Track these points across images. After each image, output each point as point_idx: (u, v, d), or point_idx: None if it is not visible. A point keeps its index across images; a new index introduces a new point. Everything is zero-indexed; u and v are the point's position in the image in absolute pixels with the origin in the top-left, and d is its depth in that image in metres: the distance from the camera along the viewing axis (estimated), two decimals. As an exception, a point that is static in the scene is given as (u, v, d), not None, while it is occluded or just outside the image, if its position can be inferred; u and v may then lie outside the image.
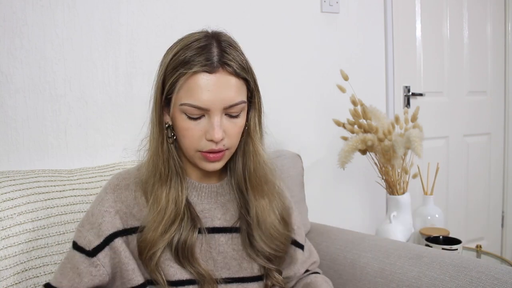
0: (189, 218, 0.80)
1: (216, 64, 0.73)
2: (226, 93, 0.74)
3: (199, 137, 0.76)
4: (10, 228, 0.89)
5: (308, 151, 1.71)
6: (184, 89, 0.73)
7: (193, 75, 0.73)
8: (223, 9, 1.51)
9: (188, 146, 0.78)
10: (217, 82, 0.73)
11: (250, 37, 1.54)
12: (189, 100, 0.73)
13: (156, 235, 0.77)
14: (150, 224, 0.78)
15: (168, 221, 0.78)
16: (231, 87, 0.74)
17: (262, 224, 0.84)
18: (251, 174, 0.84)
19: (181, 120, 0.76)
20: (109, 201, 0.81)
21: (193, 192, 0.85)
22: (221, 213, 0.85)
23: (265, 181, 0.85)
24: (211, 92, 0.73)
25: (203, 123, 0.75)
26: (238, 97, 0.76)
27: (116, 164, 1.15)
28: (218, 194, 0.86)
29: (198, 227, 0.81)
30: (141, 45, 1.36)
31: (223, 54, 0.74)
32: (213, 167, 0.79)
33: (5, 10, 1.16)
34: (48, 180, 1.01)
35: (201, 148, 0.77)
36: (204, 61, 0.72)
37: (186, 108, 0.74)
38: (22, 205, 0.92)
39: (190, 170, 0.85)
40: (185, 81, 0.73)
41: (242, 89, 0.77)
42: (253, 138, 0.83)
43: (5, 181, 0.95)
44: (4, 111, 1.17)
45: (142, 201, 0.81)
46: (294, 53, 1.69)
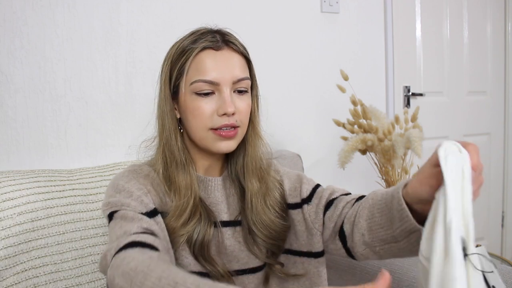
0: (204, 212, 0.81)
1: (221, 43, 0.78)
2: (233, 68, 0.78)
3: (211, 114, 0.78)
4: (10, 228, 0.89)
5: (308, 151, 1.71)
6: (193, 68, 0.77)
7: (200, 52, 0.77)
8: (223, 9, 1.51)
9: (199, 126, 0.78)
10: (223, 58, 0.78)
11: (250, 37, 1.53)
12: (199, 76, 0.77)
13: (177, 225, 0.77)
14: (173, 212, 0.77)
15: (191, 212, 0.78)
16: (237, 62, 0.79)
17: (254, 209, 0.84)
18: (248, 157, 0.85)
19: (192, 100, 0.78)
20: (137, 183, 0.79)
21: (201, 187, 0.85)
22: (226, 206, 0.86)
23: (261, 165, 0.87)
24: (220, 67, 0.77)
25: (214, 99, 0.78)
26: (243, 72, 0.80)
27: (116, 164, 1.15)
28: (222, 187, 0.87)
29: (213, 222, 0.82)
30: (141, 45, 1.36)
31: (225, 36, 0.80)
32: (226, 147, 0.80)
33: (5, 10, 1.16)
34: (48, 180, 1.01)
35: (214, 125, 0.78)
36: (210, 38, 0.78)
37: (197, 85, 0.77)
38: (22, 205, 0.92)
39: (197, 162, 0.85)
40: (193, 59, 0.77)
41: (245, 66, 0.81)
42: (253, 121, 0.85)
43: (5, 181, 0.95)
44: (4, 111, 1.17)
45: (162, 189, 0.81)
46: (294, 53, 1.69)
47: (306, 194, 0.86)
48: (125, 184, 0.78)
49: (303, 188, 0.87)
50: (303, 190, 0.87)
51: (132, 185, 0.78)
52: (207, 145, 0.80)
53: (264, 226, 0.83)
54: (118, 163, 1.16)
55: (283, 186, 0.89)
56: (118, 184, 0.79)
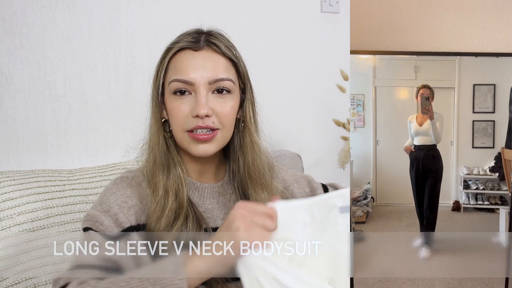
0: (194, 217, 0.80)
1: (202, 43, 0.78)
2: (211, 68, 0.77)
3: (185, 115, 0.76)
4: (10, 228, 0.89)
5: (308, 151, 1.70)
6: (172, 67, 0.78)
7: (178, 52, 0.78)
8: (222, 9, 1.51)
9: (176, 127, 0.78)
10: (202, 58, 0.77)
11: (250, 37, 1.54)
12: (175, 76, 0.77)
13: (159, 227, 0.76)
14: (151, 214, 0.77)
15: (171, 213, 0.77)
16: (217, 63, 0.78)
17: None
18: (250, 167, 0.84)
19: (170, 101, 0.78)
20: (122, 196, 0.79)
21: (195, 192, 0.84)
22: (223, 213, 0.85)
23: (263, 174, 0.85)
24: (195, 67, 0.76)
25: (190, 100, 0.77)
26: (223, 73, 0.78)
27: (116, 164, 1.15)
28: (219, 194, 0.86)
29: (203, 227, 0.81)
30: (141, 45, 1.36)
31: (210, 37, 0.79)
32: (203, 150, 0.78)
33: (5, 10, 1.16)
34: (48, 180, 1.01)
35: (188, 127, 0.76)
36: (190, 39, 0.78)
37: (173, 84, 0.77)
38: (22, 205, 0.92)
39: (189, 166, 0.84)
40: (171, 58, 0.78)
41: (229, 69, 0.79)
42: (249, 129, 0.84)
43: (5, 181, 0.95)
44: (4, 111, 1.17)
45: (148, 193, 0.80)
46: (294, 53, 1.69)
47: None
48: (109, 197, 0.78)
49: (318, 193, 0.92)
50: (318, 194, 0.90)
51: (115, 198, 0.78)
52: (185, 147, 0.79)
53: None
54: (118, 163, 1.16)
55: (293, 194, 0.91)
56: (105, 194, 0.80)
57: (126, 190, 0.80)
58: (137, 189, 0.80)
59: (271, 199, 0.68)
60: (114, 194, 0.79)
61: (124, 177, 0.82)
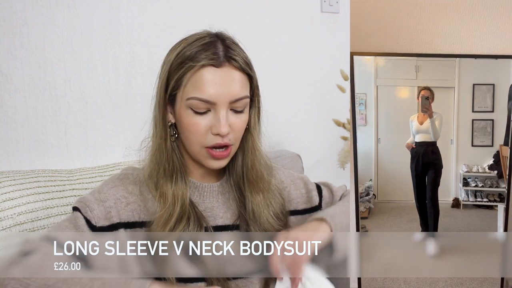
0: (195, 217, 0.81)
1: (223, 58, 0.76)
2: (232, 87, 0.76)
3: (205, 132, 0.77)
4: (10, 228, 0.90)
5: (308, 151, 1.70)
6: (191, 83, 0.75)
7: (200, 69, 0.75)
8: (223, 9, 1.51)
9: (194, 142, 0.78)
10: (223, 76, 0.76)
11: (250, 37, 1.53)
12: (196, 94, 0.75)
13: (164, 231, 0.77)
14: (158, 220, 0.78)
15: (178, 219, 0.78)
16: (237, 81, 0.77)
17: (257, 219, 0.84)
18: (249, 171, 0.85)
19: (187, 115, 0.77)
20: (121, 191, 0.80)
21: (195, 192, 0.85)
22: (223, 211, 0.86)
23: (262, 178, 0.86)
24: (218, 86, 0.75)
25: (209, 117, 0.77)
26: (243, 91, 0.78)
27: (116, 164, 1.15)
28: (219, 193, 0.87)
29: (204, 226, 0.82)
30: (141, 45, 1.36)
31: (229, 50, 0.77)
32: (218, 165, 0.80)
33: (5, 10, 1.16)
34: (48, 180, 1.01)
35: (207, 143, 0.77)
36: (211, 55, 0.75)
37: (193, 102, 0.75)
38: (22, 205, 0.92)
39: (192, 168, 0.85)
40: (192, 75, 0.75)
41: (246, 84, 0.79)
42: (253, 135, 0.84)
43: (5, 181, 0.95)
44: (4, 111, 1.17)
45: (150, 197, 0.81)
46: (294, 53, 1.69)
47: (316, 202, 0.94)
48: (110, 189, 0.79)
49: (312, 195, 0.94)
50: (313, 197, 0.94)
51: (116, 191, 0.79)
52: (200, 160, 0.81)
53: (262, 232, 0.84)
54: (118, 163, 1.16)
55: (290, 195, 0.92)
56: (107, 185, 0.81)
57: (128, 186, 0.81)
58: (139, 187, 0.81)
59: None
60: (115, 188, 0.80)
61: (129, 173, 0.83)
